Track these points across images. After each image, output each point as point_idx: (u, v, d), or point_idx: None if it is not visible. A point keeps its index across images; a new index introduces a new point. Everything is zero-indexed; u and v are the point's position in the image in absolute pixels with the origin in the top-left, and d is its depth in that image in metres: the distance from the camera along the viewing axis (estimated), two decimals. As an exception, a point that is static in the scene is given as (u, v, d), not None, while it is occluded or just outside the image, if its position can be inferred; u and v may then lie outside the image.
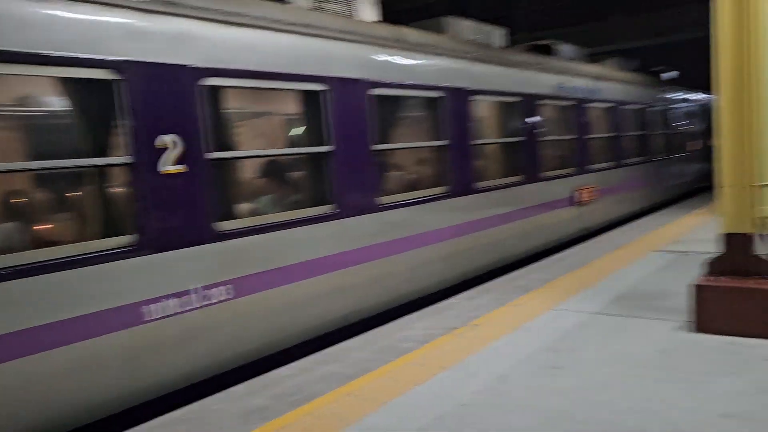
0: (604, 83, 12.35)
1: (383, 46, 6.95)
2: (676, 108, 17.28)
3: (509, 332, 5.52)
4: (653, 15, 29.35)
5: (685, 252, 8.52)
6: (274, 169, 6.51)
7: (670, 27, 29.22)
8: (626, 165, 13.11)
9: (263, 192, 6.30)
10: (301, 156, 6.45)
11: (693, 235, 9.95)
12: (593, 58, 13.82)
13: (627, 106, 13.36)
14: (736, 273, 5.19)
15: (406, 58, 7.26)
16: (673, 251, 8.67)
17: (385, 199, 6.73)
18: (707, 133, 18.76)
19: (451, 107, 7.70)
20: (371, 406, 4.12)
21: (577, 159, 11.01)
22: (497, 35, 9.85)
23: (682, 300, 6.02)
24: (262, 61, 5.48)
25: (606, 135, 12.33)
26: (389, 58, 7.01)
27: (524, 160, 9.35)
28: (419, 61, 7.44)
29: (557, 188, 10.28)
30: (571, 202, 10.69)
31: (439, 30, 8.55)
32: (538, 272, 7.90)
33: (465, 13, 10.86)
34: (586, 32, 29.94)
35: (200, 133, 4.90)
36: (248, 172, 6.52)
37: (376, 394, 4.30)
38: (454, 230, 7.77)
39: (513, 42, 11.58)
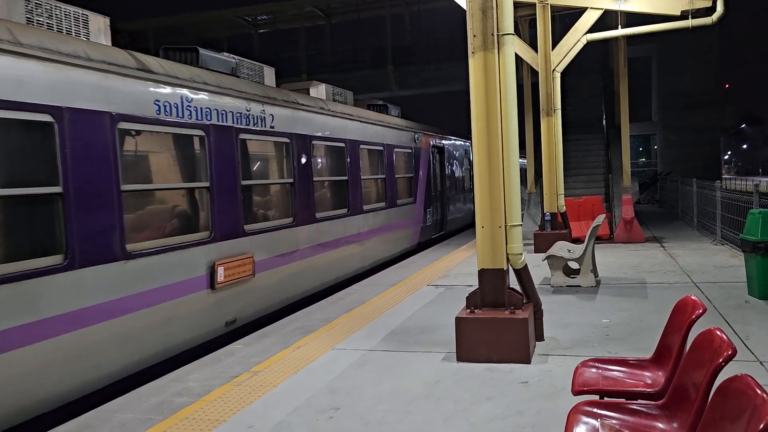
0: (282, 110, 8.99)
1: None
2: (403, 149, 14.15)
3: (290, 376, 5.45)
4: (420, 68, 32.26)
5: (451, 286, 9.26)
6: None
7: (432, 79, 32.35)
8: (318, 220, 9.86)
9: None
10: None
11: (459, 269, 10.87)
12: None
13: (325, 143, 10.36)
14: (492, 305, 5.74)
15: None
16: (441, 285, 9.36)
17: None
18: (440, 177, 17.40)
19: None
20: (136, 474, 3.74)
21: (218, 218, 7.38)
22: (97, 23, 6.53)
23: (448, 332, 6.50)
24: None
25: (278, 181, 8.99)
26: None
27: (79, 224, 5.49)
28: None
29: (169, 266, 6.54)
30: (206, 284, 7.09)
31: None
32: (318, 313, 7.97)
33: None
34: (367, 78, 31.90)
35: None
36: None
37: (142, 461, 3.92)
38: None
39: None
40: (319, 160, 10.24)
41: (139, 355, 6.15)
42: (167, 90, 6.74)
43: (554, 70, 12.68)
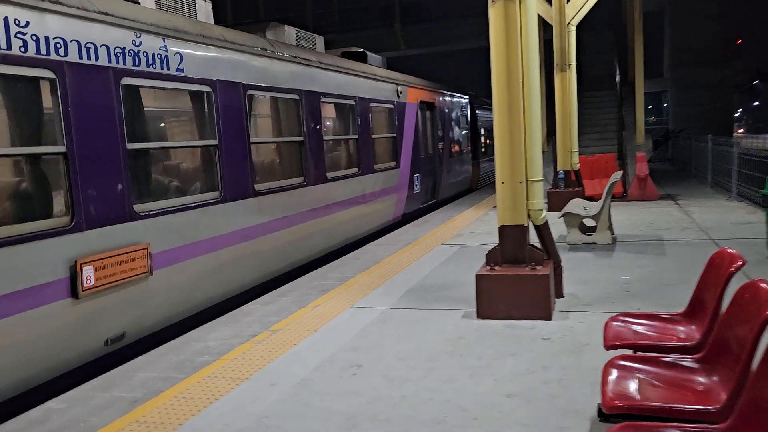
0: (198, 49, 6.67)
1: None
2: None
3: (310, 334, 5.43)
4: (428, 25, 31.66)
5: (465, 244, 9.20)
6: None
7: (441, 37, 31.75)
8: (259, 194, 7.67)
9: None
10: None
11: (472, 228, 10.80)
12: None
13: (269, 94, 8.12)
14: (512, 262, 5.66)
15: None
16: (455, 244, 9.30)
17: None
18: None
19: None
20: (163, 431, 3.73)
21: (85, 196, 5.18)
22: None
23: (467, 290, 6.45)
24: None
25: (193, 143, 6.86)
26: None
27: None
28: None
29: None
30: (64, 291, 4.91)
31: None
32: (335, 272, 7.94)
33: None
34: (375, 37, 31.38)
35: None
36: None
37: (168, 418, 3.91)
38: None
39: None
40: (261, 117, 8.17)
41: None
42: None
43: (569, 23, 12.35)
